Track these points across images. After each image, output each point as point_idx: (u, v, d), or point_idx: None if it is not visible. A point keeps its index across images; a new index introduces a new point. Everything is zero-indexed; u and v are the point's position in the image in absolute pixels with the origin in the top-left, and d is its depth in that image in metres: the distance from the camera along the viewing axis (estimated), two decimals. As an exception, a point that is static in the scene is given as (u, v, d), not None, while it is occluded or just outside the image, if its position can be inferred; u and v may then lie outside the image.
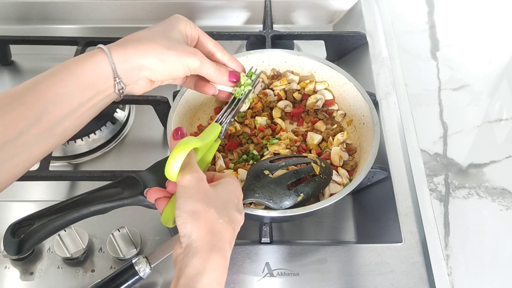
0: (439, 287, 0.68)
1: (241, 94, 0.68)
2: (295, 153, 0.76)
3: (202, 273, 0.49)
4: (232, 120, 0.68)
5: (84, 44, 0.95)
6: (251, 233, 0.75)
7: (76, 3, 1.09)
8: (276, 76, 0.85)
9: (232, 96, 0.69)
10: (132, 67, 0.58)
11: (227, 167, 0.75)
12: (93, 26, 1.10)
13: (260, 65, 0.84)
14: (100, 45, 0.57)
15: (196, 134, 0.80)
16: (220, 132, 0.66)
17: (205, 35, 0.67)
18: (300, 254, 0.71)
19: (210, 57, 0.67)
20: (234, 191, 0.57)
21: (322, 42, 1.02)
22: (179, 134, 0.59)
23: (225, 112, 0.68)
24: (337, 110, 0.83)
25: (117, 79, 0.57)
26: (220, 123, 0.66)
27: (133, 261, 0.63)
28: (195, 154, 0.58)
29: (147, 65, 0.58)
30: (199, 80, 0.67)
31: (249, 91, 0.69)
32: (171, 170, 0.53)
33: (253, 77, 0.71)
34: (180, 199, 0.52)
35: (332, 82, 0.83)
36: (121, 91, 0.58)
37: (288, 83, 0.84)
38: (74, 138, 0.85)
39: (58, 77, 0.54)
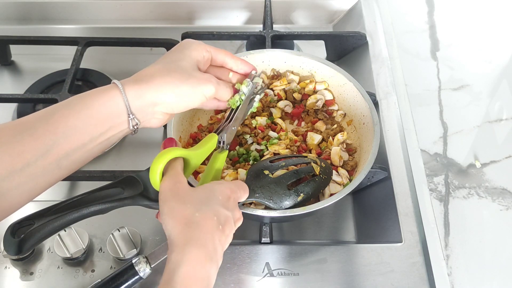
0: (439, 287, 0.68)
1: (236, 102, 0.69)
2: (295, 153, 0.76)
3: (179, 265, 0.49)
4: (234, 128, 0.69)
5: (84, 44, 0.95)
6: (251, 233, 0.75)
7: (76, 3, 1.09)
8: (276, 76, 0.85)
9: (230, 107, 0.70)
10: (147, 103, 0.58)
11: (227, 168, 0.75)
12: (93, 26, 1.10)
13: (260, 65, 0.84)
14: (114, 81, 0.57)
15: (196, 134, 0.80)
16: (220, 142, 0.67)
17: (216, 50, 0.67)
18: (300, 254, 0.71)
19: (224, 66, 0.69)
20: (220, 190, 0.57)
21: (322, 42, 1.01)
22: (171, 143, 0.62)
23: (225, 121, 0.69)
24: (337, 110, 0.83)
25: (131, 115, 0.57)
26: (218, 133, 0.67)
27: (133, 261, 0.63)
28: (184, 162, 0.60)
29: (163, 100, 0.59)
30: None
31: (250, 97, 0.70)
32: (152, 180, 0.57)
33: (248, 85, 0.70)
34: (160, 203, 0.55)
35: (332, 82, 0.83)
36: (135, 126, 0.59)
37: (288, 83, 0.84)
38: (74, 138, 0.85)
39: (71, 110, 0.54)
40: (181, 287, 0.49)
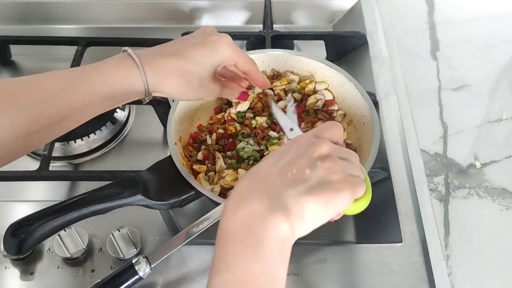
0: (439, 287, 0.68)
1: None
2: (295, 153, 0.76)
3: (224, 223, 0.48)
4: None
5: (84, 44, 0.95)
6: (251, 233, 0.75)
7: (76, 3, 1.09)
8: (276, 76, 0.85)
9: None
10: (158, 91, 0.61)
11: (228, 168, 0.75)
12: (93, 26, 1.10)
13: (260, 65, 0.84)
14: (138, 64, 0.58)
15: (196, 134, 0.80)
16: None
17: (245, 62, 0.66)
18: (300, 254, 0.71)
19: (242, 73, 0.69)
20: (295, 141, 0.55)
21: (322, 42, 1.01)
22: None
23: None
24: (337, 110, 0.83)
25: (147, 97, 0.60)
26: None
27: (133, 261, 0.63)
28: None
29: (169, 94, 0.62)
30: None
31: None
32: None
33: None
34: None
35: (332, 82, 0.83)
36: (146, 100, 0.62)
37: (288, 83, 0.84)
38: (74, 138, 0.85)
39: (92, 88, 0.55)
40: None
